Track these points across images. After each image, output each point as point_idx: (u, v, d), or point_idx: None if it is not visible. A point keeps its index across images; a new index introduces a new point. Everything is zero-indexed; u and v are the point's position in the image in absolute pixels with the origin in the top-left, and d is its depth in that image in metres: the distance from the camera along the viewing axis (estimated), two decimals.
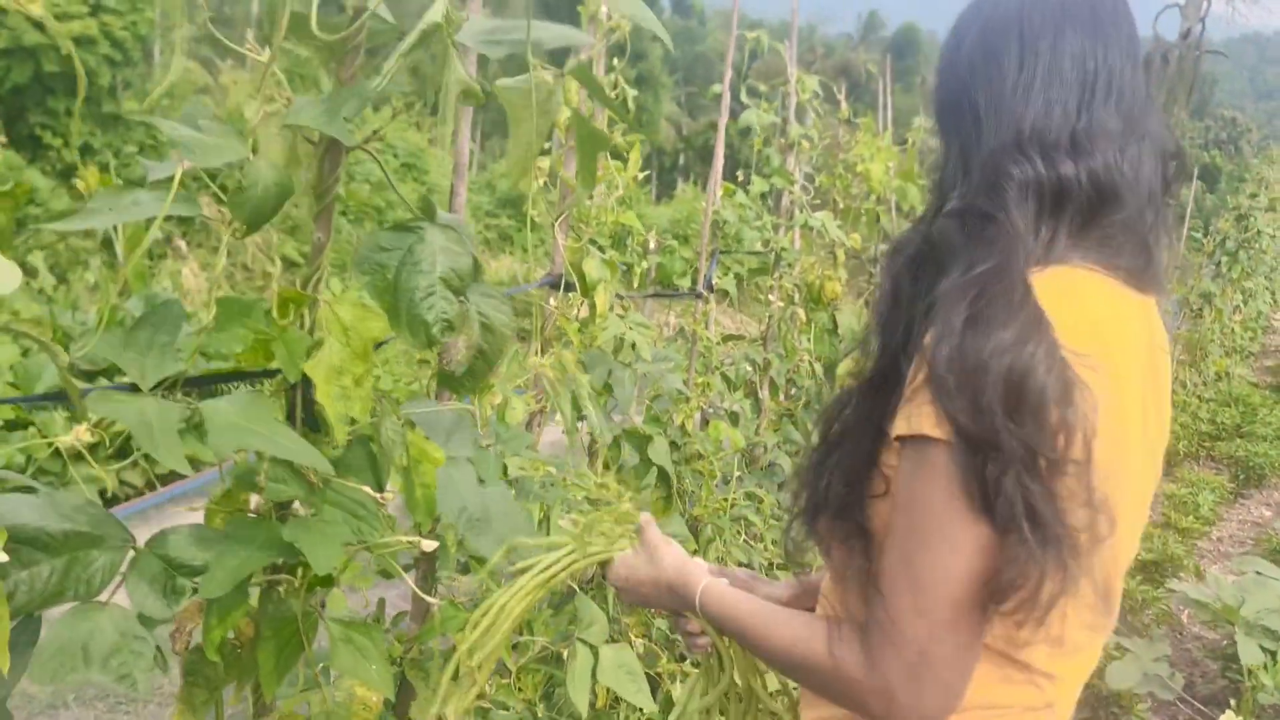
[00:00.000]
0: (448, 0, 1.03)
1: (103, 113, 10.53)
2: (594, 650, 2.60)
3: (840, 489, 1.08)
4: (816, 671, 1.05)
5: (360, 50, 1.21)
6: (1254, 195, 10.11)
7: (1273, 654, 3.03)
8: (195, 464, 1.56)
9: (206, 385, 1.34)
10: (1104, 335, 0.99)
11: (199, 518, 1.34)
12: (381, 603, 2.10)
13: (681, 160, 39.08)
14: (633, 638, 3.00)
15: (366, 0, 1.17)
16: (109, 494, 5.31)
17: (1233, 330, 10.54)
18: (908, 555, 0.96)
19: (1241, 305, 10.82)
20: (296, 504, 1.33)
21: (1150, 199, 1.05)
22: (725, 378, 4.28)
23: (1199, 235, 10.88)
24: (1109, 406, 0.95)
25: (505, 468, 2.43)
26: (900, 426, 0.99)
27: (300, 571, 1.36)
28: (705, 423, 4.07)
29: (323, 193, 1.26)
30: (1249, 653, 2.95)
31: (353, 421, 1.23)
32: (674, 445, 3.72)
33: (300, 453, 1.18)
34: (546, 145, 2.45)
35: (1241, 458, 7.27)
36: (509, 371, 2.59)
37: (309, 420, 1.29)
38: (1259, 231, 10.00)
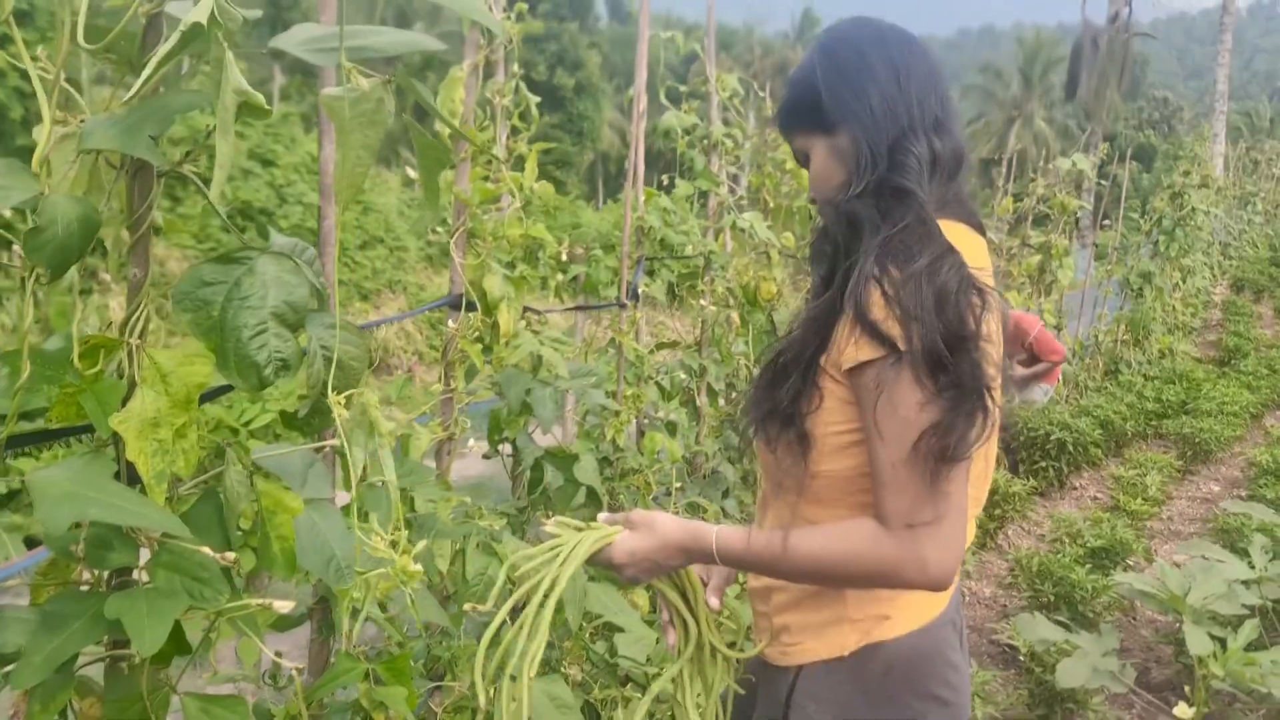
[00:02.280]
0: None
1: (16, 146, 10.18)
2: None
3: (788, 404, 1.39)
4: (854, 564, 1.33)
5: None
6: (1187, 173, 10.18)
7: (1222, 641, 2.97)
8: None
9: (21, 447, 1.20)
10: (979, 260, 1.39)
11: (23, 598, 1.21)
12: (277, 657, 1.96)
13: (627, 166, 38.92)
14: (567, 666, 2.88)
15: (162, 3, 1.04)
16: None
17: (1174, 308, 10.61)
18: (902, 444, 1.27)
19: (1181, 282, 10.90)
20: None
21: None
22: (660, 387, 4.16)
23: (1136, 215, 10.95)
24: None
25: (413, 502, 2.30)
26: (849, 359, 1.31)
27: None
28: (643, 434, 3.96)
29: (135, 223, 1.13)
30: (1197, 642, 2.87)
31: (177, 478, 1.09)
32: (607, 461, 3.60)
33: (149, 517, 1.05)
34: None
35: (1188, 435, 7.26)
36: (413, 400, 2.45)
37: (136, 477, 1.16)
38: (1193, 209, 10.07)
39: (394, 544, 1.15)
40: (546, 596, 1.43)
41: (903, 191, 1.35)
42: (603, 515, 1.54)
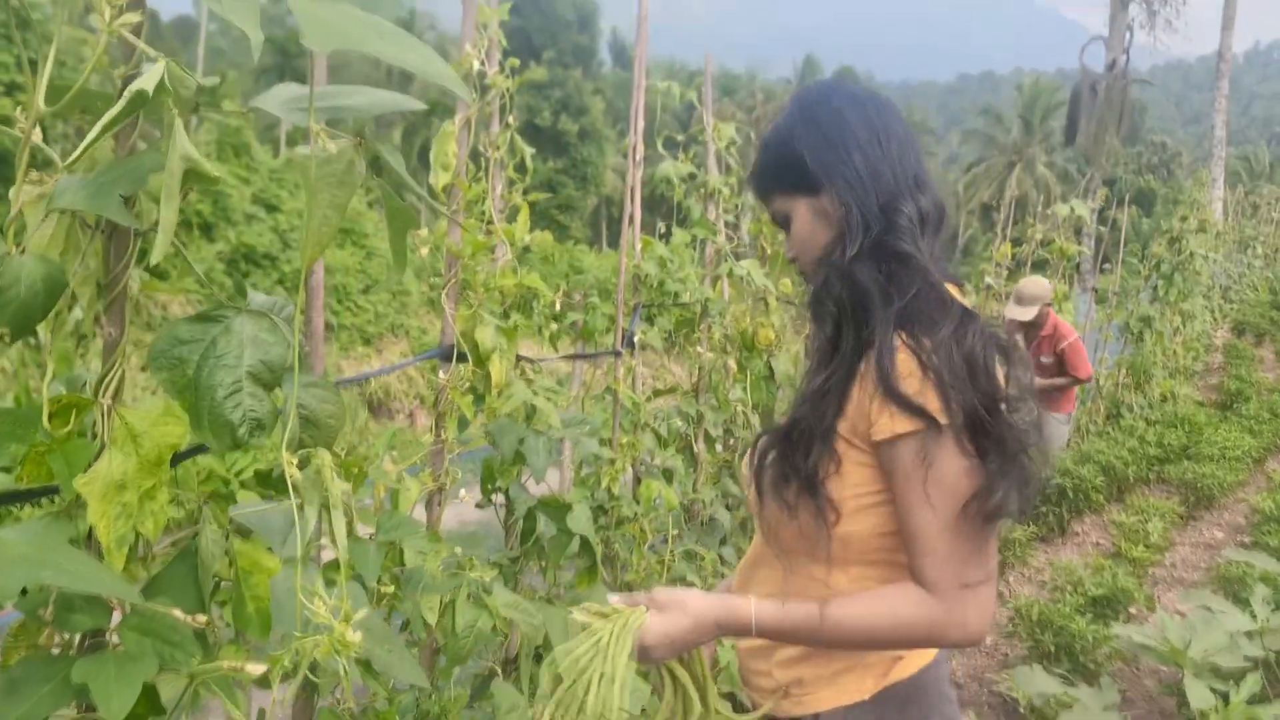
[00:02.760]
0: (167, 66, 0.90)
1: None
2: None
3: (809, 469, 1.38)
4: (901, 631, 1.34)
5: (137, 122, 1.08)
6: (1184, 218, 10.21)
7: (1224, 695, 2.92)
8: None
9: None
10: None
11: None
12: (262, 713, 1.94)
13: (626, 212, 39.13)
14: None
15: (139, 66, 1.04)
16: None
17: (1175, 352, 10.58)
18: (949, 512, 1.29)
19: (1181, 326, 10.88)
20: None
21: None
22: (656, 434, 4.14)
23: (1136, 260, 10.97)
24: None
25: (402, 554, 2.28)
26: (883, 431, 1.31)
27: None
28: (639, 482, 3.93)
29: (111, 283, 1.12)
30: (1198, 696, 2.83)
31: (141, 540, 1.08)
32: (602, 510, 3.58)
33: (103, 583, 1.03)
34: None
35: (1190, 480, 7.20)
36: (404, 451, 2.44)
37: None
38: (1191, 254, 10.08)
39: (337, 610, 1.12)
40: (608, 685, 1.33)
41: (903, 255, 1.37)
42: (614, 596, 1.46)
